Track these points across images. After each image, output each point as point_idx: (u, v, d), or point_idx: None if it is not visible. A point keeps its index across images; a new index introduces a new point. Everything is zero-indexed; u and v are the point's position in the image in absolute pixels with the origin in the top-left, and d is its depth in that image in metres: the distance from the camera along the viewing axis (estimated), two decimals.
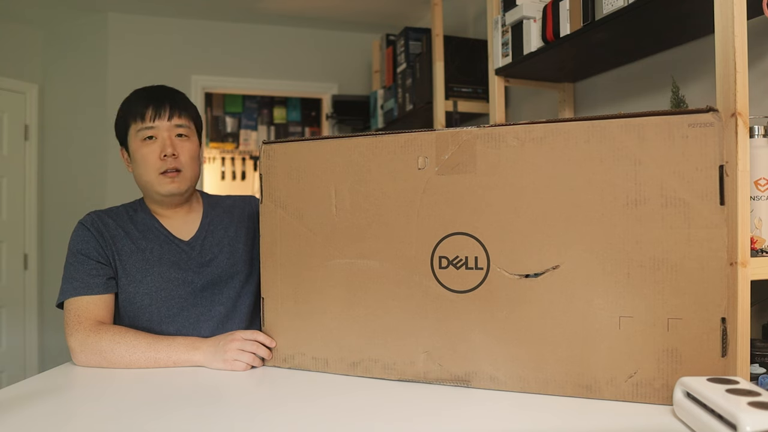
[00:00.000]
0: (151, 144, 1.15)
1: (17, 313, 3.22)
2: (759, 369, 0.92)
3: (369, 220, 0.91)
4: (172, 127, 1.16)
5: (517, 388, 0.83)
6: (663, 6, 1.16)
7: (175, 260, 1.18)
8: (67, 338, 1.05)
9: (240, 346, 0.99)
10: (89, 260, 1.12)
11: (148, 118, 1.14)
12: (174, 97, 1.19)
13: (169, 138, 1.15)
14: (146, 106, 1.15)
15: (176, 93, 1.21)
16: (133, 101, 1.18)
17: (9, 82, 3.17)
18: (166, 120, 1.15)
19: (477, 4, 2.54)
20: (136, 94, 1.20)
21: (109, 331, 1.04)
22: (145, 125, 1.14)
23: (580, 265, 0.79)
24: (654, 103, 1.54)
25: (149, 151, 1.15)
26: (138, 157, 1.16)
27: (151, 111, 1.15)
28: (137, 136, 1.15)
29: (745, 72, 0.85)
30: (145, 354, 1.01)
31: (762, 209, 0.96)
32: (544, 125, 0.81)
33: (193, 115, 1.22)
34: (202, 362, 1.01)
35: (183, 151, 1.16)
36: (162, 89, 1.21)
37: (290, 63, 3.49)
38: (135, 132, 1.16)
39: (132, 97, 1.19)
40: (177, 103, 1.18)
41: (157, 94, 1.18)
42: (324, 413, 0.76)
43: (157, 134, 1.15)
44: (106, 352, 1.02)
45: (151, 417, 0.76)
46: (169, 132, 1.16)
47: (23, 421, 0.74)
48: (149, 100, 1.16)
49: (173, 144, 1.15)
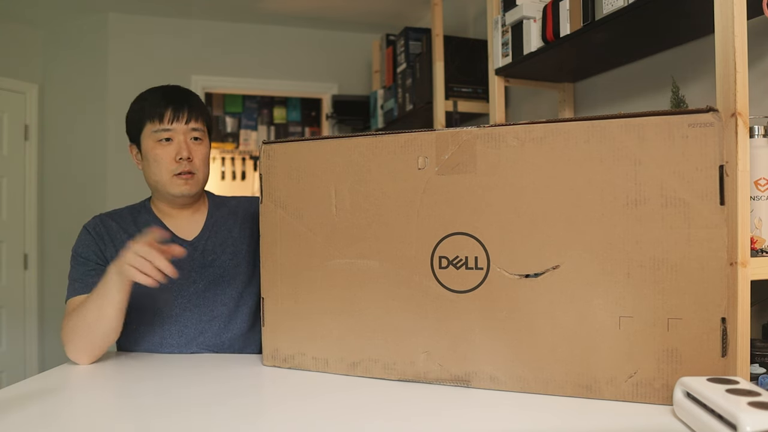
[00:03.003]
0: (167, 146, 1.15)
1: (17, 313, 3.22)
2: (759, 369, 0.92)
3: (369, 220, 0.91)
4: (188, 131, 1.16)
5: (517, 388, 0.83)
6: (663, 6, 1.16)
7: (177, 260, 1.18)
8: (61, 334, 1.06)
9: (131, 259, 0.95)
10: (89, 262, 1.13)
11: (167, 120, 1.14)
12: (191, 99, 1.19)
13: (185, 141, 1.15)
14: (165, 107, 1.14)
15: (192, 95, 1.21)
16: (151, 100, 1.17)
17: (9, 82, 3.17)
18: (183, 123, 1.15)
19: (477, 4, 2.54)
20: (154, 93, 1.19)
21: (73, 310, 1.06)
22: (163, 126, 1.14)
23: (580, 265, 0.79)
24: (654, 103, 1.54)
25: (164, 152, 1.14)
26: (151, 157, 1.15)
27: (170, 113, 1.14)
28: (153, 136, 1.15)
29: (745, 72, 0.85)
30: (90, 307, 1.01)
31: (762, 209, 0.96)
32: (544, 125, 0.81)
33: (207, 118, 1.22)
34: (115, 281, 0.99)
35: (197, 155, 1.17)
36: (180, 90, 1.21)
37: (290, 63, 3.49)
38: (151, 132, 1.15)
39: (149, 96, 1.18)
40: (194, 107, 1.18)
41: (175, 96, 1.17)
42: (324, 413, 0.76)
43: (173, 136, 1.15)
44: (75, 328, 1.02)
45: (151, 417, 0.76)
46: (185, 135, 1.16)
47: (23, 421, 0.74)
48: (169, 102, 1.15)
49: (189, 147, 1.15)
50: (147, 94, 1.19)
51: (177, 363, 1.06)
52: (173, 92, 1.19)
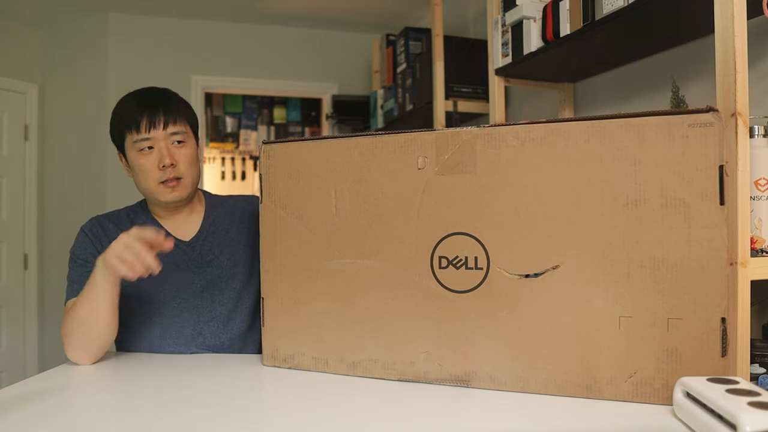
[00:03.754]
0: (148, 154, 1.12)
1: (17, 313, 3.22)
2: (759, 369, 0.92)
3: (369, 220, 0.91)
4: (168, 136, 1.13)
5: (517, 388, 0.83)
6: (663, 6, 1.16)
7: (175, 261, 1.18)
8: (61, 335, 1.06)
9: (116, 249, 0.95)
10: (87, 264, 1.13)
11: (143, 129, 1.11)
12: (167, 102, 1.15)
13: (166, 147, 1.12)
14: (140, 115, 1.11)
15: (169, 96, 1.18)
16: (127, 109, 1.14)
17: (9, 82, 3.17)
18: (161, 129, 1.12)
19: (477, 4, 2.54)
20: (129, 101, 1.15)
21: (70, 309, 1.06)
22: (141, 136, 1.11)
23: (580, 265, 0.79)
24: (654, 103, 1.54)
25: (147, 161, 1.12)
26: (136, 167, 1.14)
27: (145, 121, 1.11)
28: (134, 147, 1.13)
29: (745, 72, 0.85)
30: (82, 303, 1.01)
31: (762, 209, 0.96)
32: (544, 125, 0.81)
33: (188, 116, 1.18)
34: (103, 273, 0.98)
35: (181, 159, 1.14)
36: (153, 94, 1.16)
37: (290, 63, 3.49)
38: (132, 142, 1.13)
39: (125, 105, 1.15)
40: (170, 109, 1.14)
41: (149, 102, 1.14)
42: (324, 413, 0.76)
43: (153, 144, 1.12)
44: (71, 327, 1.02)
45: (151, 417, 0.76)
46: (165, 141, 1.13)
47: (23, 421, 0.74)
48: (143, 109, 1.12)
49: (171, 153, 1.12)
50: (124, 102, 1.16)
51: (177, 363, 1.06)
52: (147, 98, 1.15)
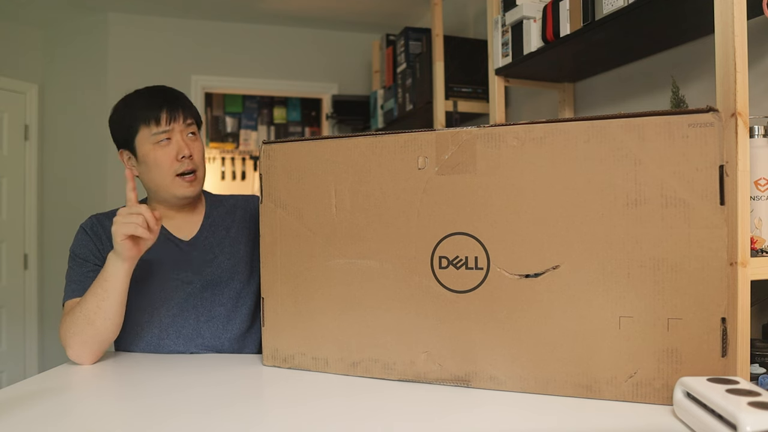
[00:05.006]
0: (166, 146, 1.14)
1: (17, 313, 3.22)
2: (759, 369, 0.92)
3: (369, 220, 0.91)
4: (185, 128, 1.16)
5: (517, 388, 0.83)
6: (663, 6, 1.16)
7: (175, 260, 1.18)
8: (59, 336, 1.05)
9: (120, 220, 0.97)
10: (86, 263, 1.13)
11: (164, 122, 1.13)
12: (180, 97, 1.20)
13: (183, 139, 1.15)
14: (160, 108, 1.14)
15: (180, 93, 1.21)
16: (141, 105, 1.15)
17: (9, 82, 3.17)
18: (181, 122, 1.15)
19: (477, 4, 2.54)
20: (141, 97, 1.17)
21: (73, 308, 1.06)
22: (161, 129, 1.13)
23: (580, 265, 0.79)
24: (654, 103, 1.54)
25: (164, 154, 1.14)
26: (151, 161, 1.14)
27: (166, 114, 1.14)
28: (151, 140, 1.14)
29: (745, 72, 0.85)
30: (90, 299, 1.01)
31: (762, 209, 0.96)
32: (544, 125, 0.81)
33: (197, 114, 1.22)
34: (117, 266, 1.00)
35: (196, 151, 1.18)
36: (168, 90, 1.20)
37: (290, 63, 3.49)
38: (149, 135, 1.14)
39: (137, 101, 1.16)
40: (187, 105, 1.19)
41: (167, 96, 1.17)
42: (324, 413, 0.76)
43: (171, 136, 1.15)
44: (75, 324, 1.01)
45: (151, 417, 0.76)
46: (182, 133, 1.16)
47: (23, 421, 0.74)
48: (162, 103, 1.14)
49: (188, 145, 1.16)
50: (135, 98, 1.17)
51: (177, 363, 1.06)
52: (164, 93, 1.18)
